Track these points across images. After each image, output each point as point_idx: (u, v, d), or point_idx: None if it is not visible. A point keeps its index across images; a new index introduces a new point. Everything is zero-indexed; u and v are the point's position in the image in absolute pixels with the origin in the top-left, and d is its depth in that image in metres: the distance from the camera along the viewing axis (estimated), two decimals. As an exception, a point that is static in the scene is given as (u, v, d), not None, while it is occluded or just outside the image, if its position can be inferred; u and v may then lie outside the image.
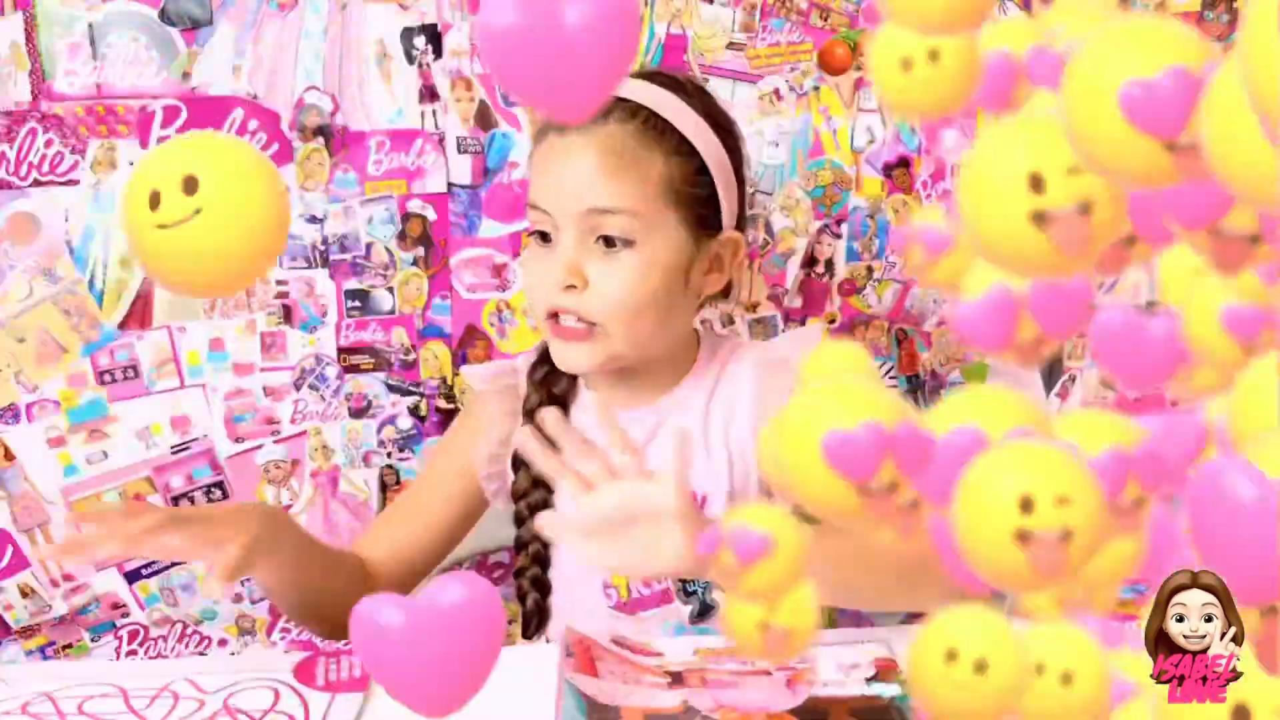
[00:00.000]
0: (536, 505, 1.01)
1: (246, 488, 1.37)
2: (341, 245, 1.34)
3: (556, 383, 1.04)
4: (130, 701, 0.77)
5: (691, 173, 0.97)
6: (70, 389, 1.31)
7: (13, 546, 1.33)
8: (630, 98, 0.95)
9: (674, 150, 0.95)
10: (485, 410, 1.06)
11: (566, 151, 0.93)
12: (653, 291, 0.94)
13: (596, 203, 0.92)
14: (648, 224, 0.93)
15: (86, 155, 1.28)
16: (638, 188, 0.93)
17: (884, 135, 1.40)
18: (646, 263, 0.94)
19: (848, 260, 1.42)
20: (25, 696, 0.77)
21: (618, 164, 0.92)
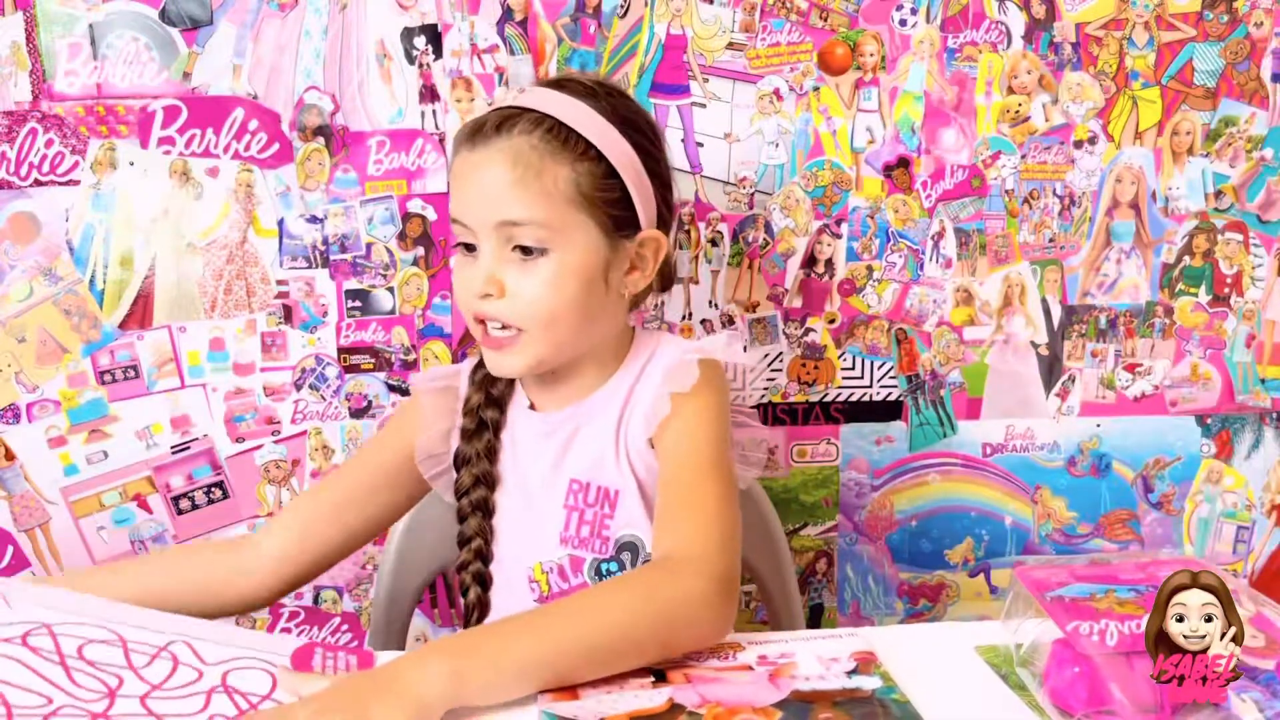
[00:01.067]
0: (478, 503, 1.04)
1: (247, 487, 1.37)
2: (342, 245, 1.34)
3: (494, 384, 1.06)
4: (130, 655, 0.76)
5: (600, 177, 0.97)
6: (71, 389, 1.31)
7: (13, 546, 1.33)
8: (535, 108, 0.96)
9: (580, 156, 0.96)
10: (425, 407, 1.08)
11: (477, 166, 0.95)
12: (571, 296, 0.96)
13: (507, 215, 0.94)
14: (558, 231, 0.95)
15: (87, 155, 1.28)
16: (545, 197, 0.94)
17: (884, 135, 1.40)
18: (561, 268, 0.95)
19: (847, 260, 1.42)
20: (28, 624, 0.76)
21: (524, 175, 0.94)
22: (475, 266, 0.96)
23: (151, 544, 1.36)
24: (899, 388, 1.46)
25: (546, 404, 1.05)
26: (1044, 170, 1.43)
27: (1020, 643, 0.79)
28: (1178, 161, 1.45)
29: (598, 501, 1.01)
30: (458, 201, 0.97)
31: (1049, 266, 1.45)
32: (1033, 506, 1.51)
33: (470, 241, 0.96)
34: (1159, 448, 1.51)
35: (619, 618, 0.80)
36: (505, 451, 1.05)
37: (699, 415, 0.97)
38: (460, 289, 0.99)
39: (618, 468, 1.01)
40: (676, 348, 1.04)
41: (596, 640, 0.79)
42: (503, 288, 0.95)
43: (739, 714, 0.74)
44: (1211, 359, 1.49)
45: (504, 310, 0.95)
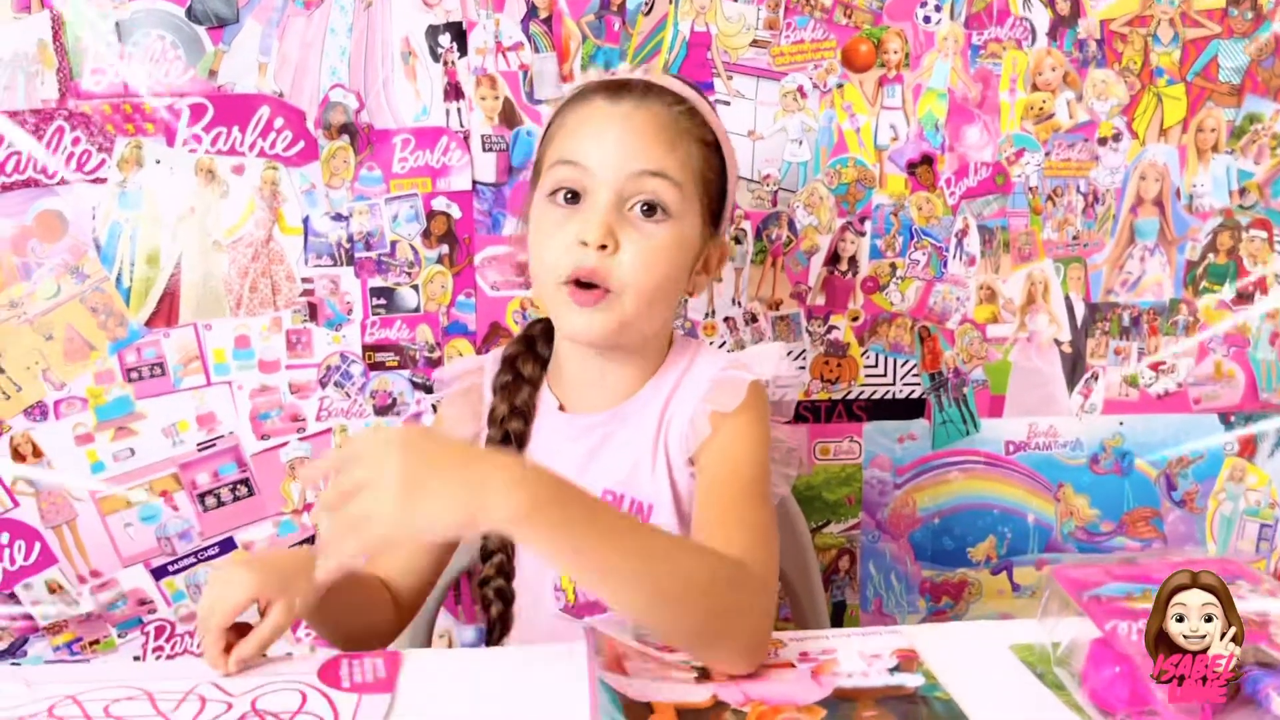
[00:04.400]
0: None
1: (272, 485, 1.38)
2: (367, 243, 1.34)
3: (518, 392, 1.02)
4: (157, 704, 0.77)
5: (716, 168, 0.98)
6: (98, 386, 1.32)
7: (40, 543, 1.34)
8: (670, 88, 0.96)
9: (704, 142, 0.97)
10: (450, 415, 1.06)
11: (622, 116, 0.93)
12: (672, 270, 0.94)
13: (648, 165, 0.91)
14: (684, 202, 0.94)
15: (113, 153, 1.28)
16: (682, 165, 0.94)
17: (907, 132, 1.40)
18: (676, 238, 0.93)
19: (871, 257, 1.42)
20: (51, 699, 0.77)
21: (670, 137, 0.93)
22: (583, 217, 0.91)
23: (178, 541, 1.37)
24: (922, 385, 1.46)
25: (578, 405, 1.02)
26: (1068, 167, 1.43)
27: (1057, 642, 0.79)
28: (1202, 159, 1.44)
29: (632, 513, 0.98)
30: (581, 143, 0.93)
31: (1072, 264, 1.45)
32: (1055, 504, 1.51)
33: (578, 189, 0.93)
34: (1182, 445, 1.51)
35: (698, 572, 0.78)
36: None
37: (741, 436, 0.95)
38: (556, 240, 0.92)
39: (653, 480, 0.98)
40: (716, 360, 1.01)
41: (669, 575, 0.76)
42: (618, 243, 0.91)
43: (783, 712, 0.74)
44: (1235, 356, 1.49)
45: (609, 266, 0.91)
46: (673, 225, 0.93)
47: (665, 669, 0.80)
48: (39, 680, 0.80)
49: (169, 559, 1.37)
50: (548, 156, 0.97)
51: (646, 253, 0.91)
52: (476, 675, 0.82)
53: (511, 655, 0.83)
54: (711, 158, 0.97)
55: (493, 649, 0.86)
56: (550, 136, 0.98)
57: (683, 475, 0.98)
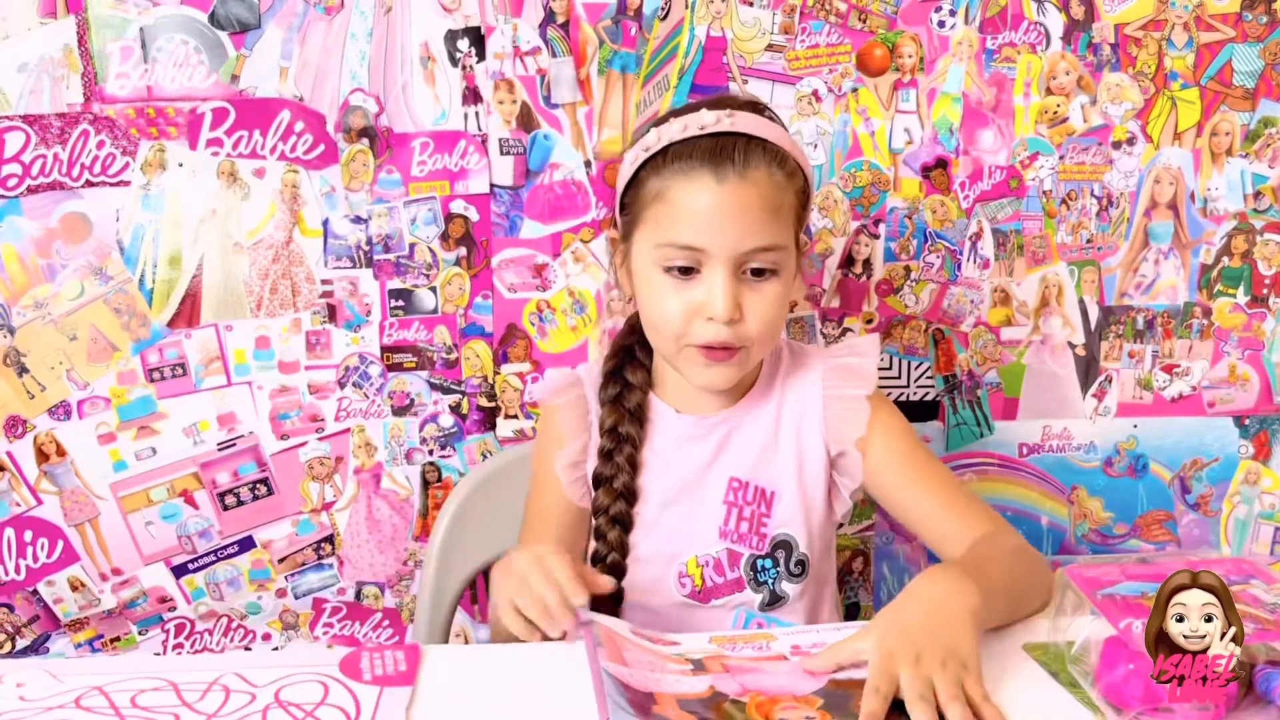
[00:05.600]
0: (617, 517, 1.06)
1: (291, 484, 1.39)
2: (385, 245, 1.36)
3: (627, 399, 1.08)
4: (182, 695, 0.78)
5: (804, 197, 1.04)
6: (120, 386, 1.34)
7: (63, 541, 1.36)
8: (762, 136, 1.00)
9: (796, 189, 1.02)
10: (559, 423, 1.10)
11: (729, 196, 0.97)
12: (785, 310, 1.04)
13: (759, 243, 0.98)
14: (789, 255, 1.01)
15: (137, 156, 1.30)
16: (783, 225, 1.00)
17: (922, 136, 1.41)
18: (784, 287, 1.02)
19: (885, 260, 1.43)
20: (78, 690, 0.78)
21: (775, 206, 0.99)
22: (702, 290, 0.98)
23: (198, 539, 1.38)
24: (936, 388, 1.47)
25: (694, 408, 1.08)
26: (1082, 171, 1.43)
27: (1071, 640, 0.80)
28: (1216, 162, 1.44)
29: (755, 500, 1.06)
30: (694, 229, 0.98)
31: (1086, 267, 1.45)
32: (1069, 507, 1.51)
33: (692, 265, 0.98)
34: (1196, 449, 1.51)
35: (1024, 572, 0.94)
36: (647, 464, 1.08)
37: (899, 422, 1.07)
38: (679, 311, 1.00)
39: (778, 469, 1.07)
40: (814, 351, 1.12)
41: (1020, 578, 0.92)
42: (742, 311, 0.99)
43: (780, 702, 0.75)
44: (1250, 360, 1.49)
45: (740, 331, 0.99)
46: (781, 277, 1.01)
47: (662, 661, 0.81)
48: (65, 673, 0.82)
49: (189, 557, 1.39)
50: (652, 221, 1.01)
51: (767, 310, 1.00)
52: (494, 669, 0.83)
53: (525, 650, 0.84)
54: (803, 193, 1.04)
55: (507, 645, 0.87)
56: (649, 196, 1.01)
57: (814, 460, 1.07)
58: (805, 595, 1.07)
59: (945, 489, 1.04)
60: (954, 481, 1.07)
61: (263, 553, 1.40)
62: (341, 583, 1.43)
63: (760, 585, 1.05)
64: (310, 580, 1.42)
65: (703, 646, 0.85)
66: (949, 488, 1.05)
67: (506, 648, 0.86)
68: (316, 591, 1.43)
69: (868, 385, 1.06)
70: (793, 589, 1.06)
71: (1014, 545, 0.98)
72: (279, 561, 1.41)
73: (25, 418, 1.33)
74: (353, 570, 1.43)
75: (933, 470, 1.06)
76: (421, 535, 1.42)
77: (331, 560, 1.42)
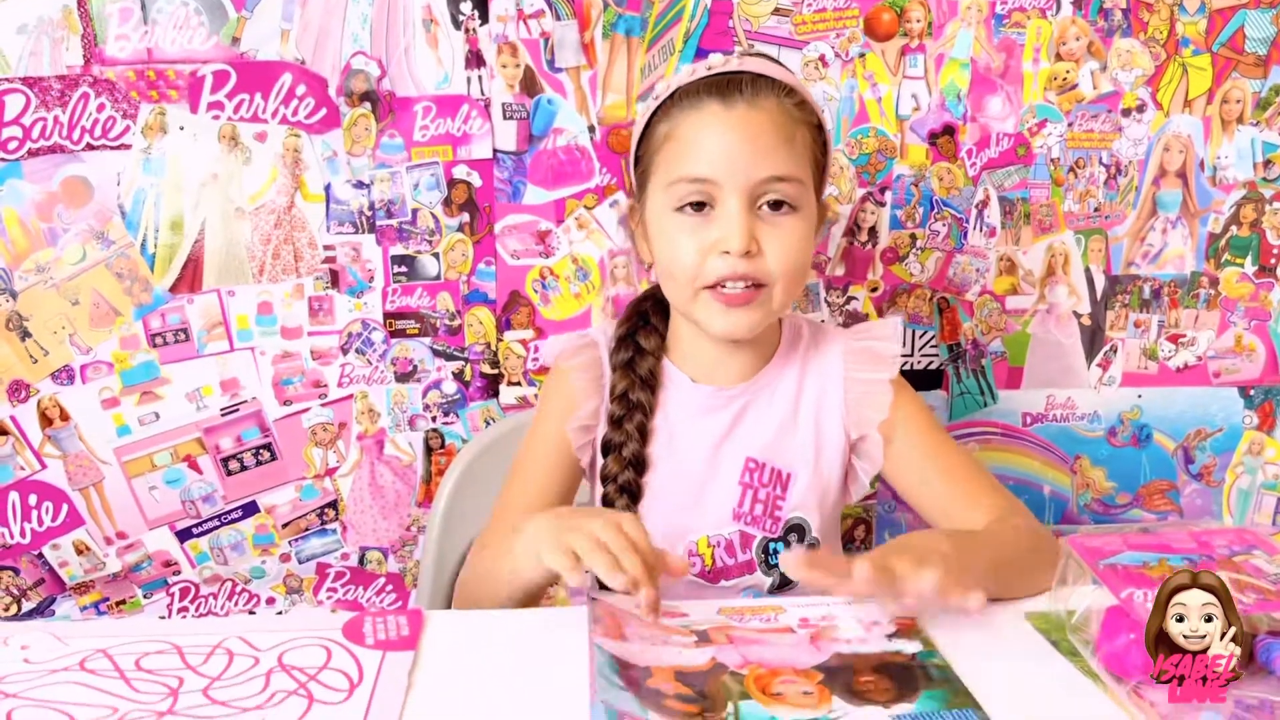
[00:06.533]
0: (625, 486, 1.03)
1: (294, 450, 1.39)
2: (388, 210, 1.35)
3: (640, 365, 1.05)
4: (186, 658, 0.78)
5: (821, 144, 1.01)
6: (123, 351, 1.33)
7: (68, 505, 1.36)
8: (772, 75, 0.97)
9: (808, 124, 0.98)
10: (571, 386, 1.06)
11: (739, 122, 0.94)
12: (807, 252, 0.99)
13: (776, 170, 0.94)
14: (805, 191, 0.97)
15: (138, 120, 1.29)
16: (799, 157, 0.96)
17: (929, 102, 1.39)
18: (805, 224, 0.97)
19: (891, 228, 1.42)
20: (82, 652, 0.79)
21: (788, 134, 0.95)
22: (717, 225, 0.95)
23: (202, 504, 1.39)
24: (940, 357, 1.46)
25: (707, 379, 1.05)
26: (1091, 138, 1.42)
27: (1072, 610, 0.80)
28: (1227, 130, 1.43)
29: (771, 482, 1.03)
30: (706, 158, 0.95)
31: (1093, 236, 1.44)
32: (1072, 476, 1.51)
33: (705, 200, 0.95)
34: (1201, 419, 1.51)
35: (1021, 552, 0.91)
36: (659, 433, 1.04)
37: (919, 404, 1.05)
38: (693, 249, 0.96)
39: (796, 450, 1.04)
40: (835, 331, 1.08)
41: (1009, 558, 0.89)
42: (759, 245, 0.95)
43: (780, 675, 0.75)
44: (1256, 330, 1.48)
45: (757, 266, 0.95)
46: (800, 214, 0.97)
47: (665, 633, 0.81)
48: (69, 635, 0.82)
49: (193, 522, 1.39)
50: (663, 164, 0.98)
51: (786, 245, 0.96)
52: (496, 634, 0.83)
53: (528, 617, 0.84)
54: (818, 137, 1.00)
55: (510, 611, 0.87)
56: (660, 141, 0.99)
57: (833, 443, 1.04)
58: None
59: (964, 476, 1.02)
60: (973, 467, 1.04)
61: (266, 518, 1.41)
62: (345, 548, 1.44)
63: (771, 568, 1.03)
64: (314, 545, 1.43)
65: (710, 617, 0.85)
66: (968, 475, 1.02)
67: (509, 614, 0.87)
68: (320, 556, 1.43)
69: (890, 369, 1.04)
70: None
71: (1018, 526, 0.96)
72: (282, 526, 1.41)
73: (29, 382, 1.33)
74: (356, 536, 1.43)
75: (953, 457, 1.03)
76: (424, 501, 1.42)
77: (335, 525, 1.43)
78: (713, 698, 0.72)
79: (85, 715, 0.71)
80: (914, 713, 0.70)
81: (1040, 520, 1.51)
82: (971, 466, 1.04)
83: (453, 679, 0.76)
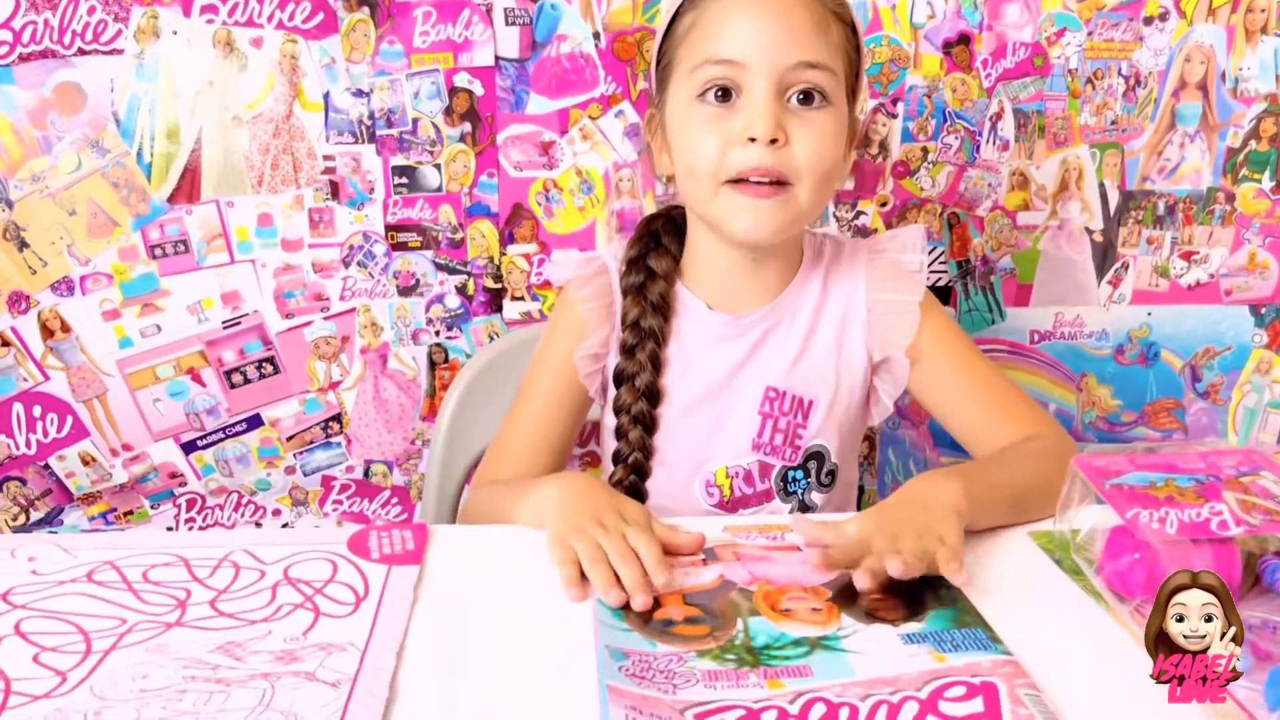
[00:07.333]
0: (639, 416, 1.00)
1: (297, 363, 1.39)
2: (388, 120, 1.32)
3: (651, 289, 1.01)
4: (193, 570, 0.79)
5: (854, 43, 0.96)
6: (122, 263, 1.32)
7: (72, 416, 1.36)
8: None
9: (842, 19, 0.94)
10: (581, 314, 1.02)
11: (770, 4, 0.90)
12: (838, 153, 0.94)
13: (806, 56, 0.89)
14: (838, 86, 0.92)
15: (130, 23, 1.25)
16: (834, 48, 0.91)
17: (944, 10, 1.35)
18: (837, 122, 0.92)
19: (902, 141, 1.39)
20: (89, 564, 0.79)
21: (822, 22, 0.91)
22: (742, 114, 0.90)
23: (206, 417, 1.39)
24: (949, 273, 1.44)
25: (725, 304, 1.01)
26: (1110, 48, 1.38)
27: (1077, 529, 0.80)
28: (1250, 40, 1.39)
29: (792, 410, 1.00)
30: (734, 40, 0.89)
31: (1109, 150, 1.41)
32: (1077, 394, 1.51)
33: (730, 86, 0.90)
34: (1210, 337, 1.49)
35: (1043, 471, 0.87)
36: (672, 362, 1.01)
37: (948, 319, 1.02)
38: (717, 140, 0.90)
39: (816, 375, 1.00)
40: (854, 244, 1.03)
41: (1031, 483, 0.87)
42: (787, 136, 0.89)
43: (789, 592, 0.76)
44: (1270, 247, 1.46)
45: (784, 158, 0.90)
46: (832, 110, 0.92)
47: (671, 557, 0.81)
48: (77, 547, 0.82)
49: (198, 434, 1.39)
50: (686, 54, 0.93)
51: (816, 140, 0.90)
52: (501, 549, 0.84)
53: (532, 533, 0.84)
54: (851, 35, 0.95)
55: (516, 526, 0.87)
56: (684, 31, 0.94)
57: (855, 365, 1.01)
58: (831, 503, 1.04)
59: (993, 396, 0.99)
60: (1003, 384, 1.01)
61: (271, 430, 1.41)
62: (350, 461, 1.44)
63: (789, 496, 1.02)
64: (319, 458, 1.43)
65: (716, 535, 0.85)
66: (997, 394, 0.99)
67: (514, 529, 0.87)
68: (325, 469, 1.44)
69: (917, 289, 1.00)
70: (821, 498, 1.03)
71: (1041, 449, 0.93)
72: (287, 439, 1.42)
73: (28, 293, 1.32)
74: (360, 449, 1.44)
75: (982, 377, 1.00)
76: (429, 415, 1.42)
77: (339, 439, 1.43)
78: (721, 615, 0.72)
79: (93, 625, 0.72)
80: (923, 631, 0.70)
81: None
82: (1001, 384, 1.01)
83: (458, 594, 0.77)
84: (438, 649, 0.69)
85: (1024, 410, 0.99)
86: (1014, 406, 0.99)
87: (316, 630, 0.72)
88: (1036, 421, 0.98)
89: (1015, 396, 1.00)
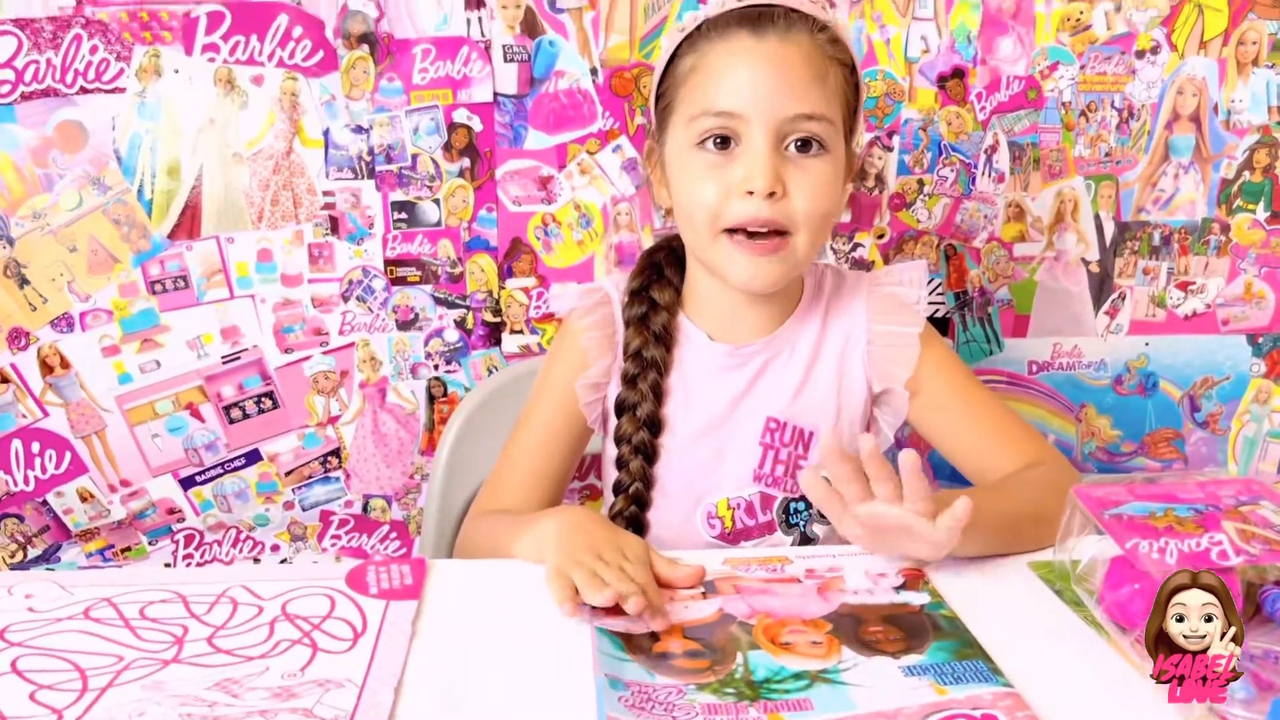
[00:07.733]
0: (640, 446, 1.00)
1: (296, 398, 1.39)
2: (388, 155, 1.33)
3: (653, 320, 1.01)
4: (190, 606, 0.79)
5: (853, 85, 0.96)
6: (122, 299, 1.32)
7: (71, 452, 1.36)
8: (806, 10, 0.93)
9: (842, 64, 0.94)
10: (583, 344, 1.02)
11: (770, 55, 0.90)
12: (836, 199, 0.94)
13: (804, 108, 0.89)
14: (836, 133, 0.93)
15: (131, 62, 1.27)
16: (831, 96, 0.92)
17: (938, 44, 1.36)
18: (834, 168, 0.93)
19: (898, 174, 1.40)
20: (86, 601, 0.79)
21: (820, 71, 0.91)
22: (741, 164, 0.90)
23: (205, 452, 1.38)
24: (947, 304, 1.45)
25: (725, 335, 1.01)
26: (1103, 81, 1.39)
27: (1077, 559, 0.79)
28: (1242, 73, 1.40)
29: (793, 441, 1.00)
30: (734, 91, 0.90)
31: (1104, 181, 1.42)
32: (1077, 425, 1.51)
33: (730, 136, 0.91)
34: (1208, 367, 1.50)
35: (1041, 499, 0.87)
36: (674, 392, 1.01)
37: (948, 351, 1.02)
38: (715, 189, 0.91)
39: (817, 406, 1.00)
40: (854, 277, 1.04)
41: (1028, 511, 0.87)
42: (785, 187, 0.90)
43: (789, 625, 0.75)
44: (1267, 277, 1.47)
45: (782, 209, 0.90)
46: (829, 157, 0.92)
47: (670, 591, 0.81)
48: (74, 584, 0.82)
49: (196, 469, 1.39)
50: (685, 100, 0.94)
51: (814, 190, 0.91)
52: (499, 584, 0.83)
53: (532, 566, 0.84)
54: (850, 77, 0.96)
55: (514, 560, 0.87)
56: (684, 74, 0.95)
57: (855, 396, 1.01)
58: (834, 535, 1.01)
59: (993, 426, 0.98)
60: (1005, 414, 1.01)
61: (269, 465, 1.41)
62: (348, 495, 1.44)
63: (791, 528, 1.02)
64: (317, 493, 1.43)
65: (716, 568, 0.85)
66: (999, 422, 0.99)
67: (513, 563, 0.87)
68: (324, 504, 1.44)
69: (917, 321, 1.00)
70: (824, 530, 1.03)
71: (1041, 477, 0.93)
72: (286, 474, 1.41)
73: (28, 329, 1.32)
74: (359, 484, 1.43)
75: (982, 408, 1.00)
76: (427, 449, 1.42)
77: (338, 473, 1.43)
78: (721, 649, 0.72)
79: (90, 663, 0.71)
80: (923, 663, 0.70)
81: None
82: (1002, 413, 1.01)
83: (457, 628, 0.76)
84: (436, 684, 0.69)
85: (1025, 439, 0.99)
86: (1015, 435, 0.98)
87: (314, 666, 0.71)
88: (1038, 450, 0.98)
89: (1016, 425, 1.00)
